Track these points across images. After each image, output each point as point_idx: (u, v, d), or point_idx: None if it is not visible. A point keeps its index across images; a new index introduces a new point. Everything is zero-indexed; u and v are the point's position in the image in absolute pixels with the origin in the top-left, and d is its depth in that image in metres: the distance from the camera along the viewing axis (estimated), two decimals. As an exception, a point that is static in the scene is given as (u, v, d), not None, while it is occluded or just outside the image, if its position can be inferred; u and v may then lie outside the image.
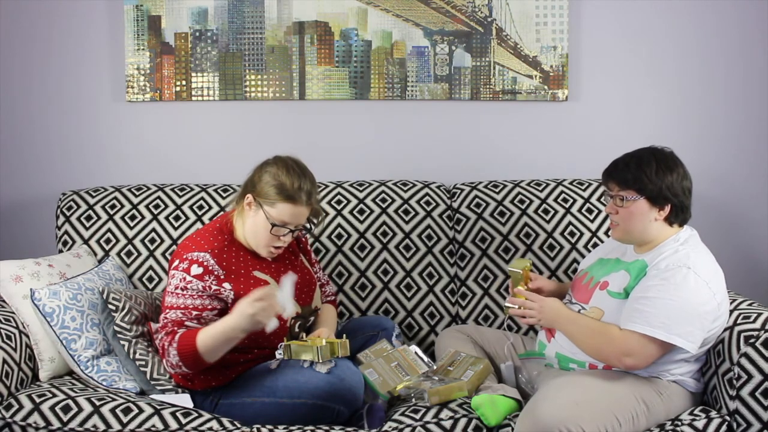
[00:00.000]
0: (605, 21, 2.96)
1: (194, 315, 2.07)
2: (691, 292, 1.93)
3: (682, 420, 1.97)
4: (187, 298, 2.07)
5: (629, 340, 1.95)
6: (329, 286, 2.49)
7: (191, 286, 2.07)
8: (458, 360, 2.23)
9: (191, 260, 2.09)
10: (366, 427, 2.02)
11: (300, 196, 2.11)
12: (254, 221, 2.14)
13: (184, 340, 2.02)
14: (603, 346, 1.99)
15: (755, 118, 3.00)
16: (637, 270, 2.04)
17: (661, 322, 1.92)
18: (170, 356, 2.03)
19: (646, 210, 2.05)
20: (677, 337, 1.91)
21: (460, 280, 2.70)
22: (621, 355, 1.96)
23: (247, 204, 2.15)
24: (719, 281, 2.01)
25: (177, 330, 2.05)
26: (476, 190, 2.81)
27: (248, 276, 2.15)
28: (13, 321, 2.26)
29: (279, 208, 2.11)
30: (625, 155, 2.11)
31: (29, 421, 1.96)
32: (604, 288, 2.09)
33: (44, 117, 2.93)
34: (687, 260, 1.97)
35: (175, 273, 2.10)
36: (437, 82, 2.96)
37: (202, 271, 2.08)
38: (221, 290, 2.09)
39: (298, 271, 2.27)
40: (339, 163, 2.95)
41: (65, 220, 2.69)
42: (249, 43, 2.92)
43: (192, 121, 2.97)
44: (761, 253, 3.04)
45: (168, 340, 2.04)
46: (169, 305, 2.09)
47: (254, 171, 2.20)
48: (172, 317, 2.07)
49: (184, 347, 2.01)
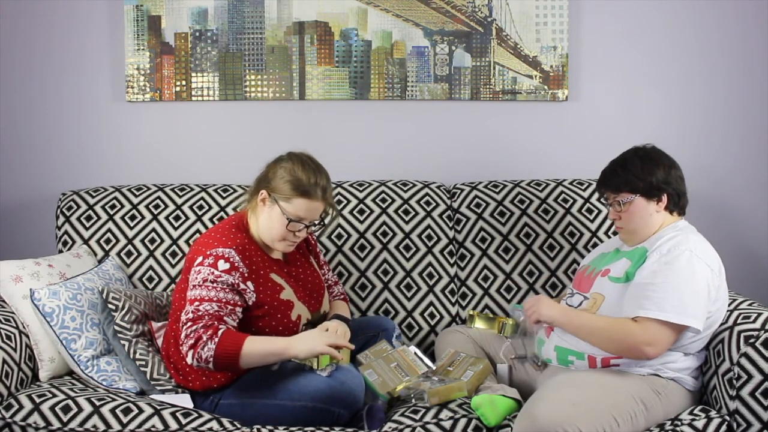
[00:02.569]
0: (605, 21, 2.96)
1: (229, 309, 2.01)
2: (696, 273, 1.97)
3: (682, 420, 1.97)
4: (219, 291, 2.01)
5: (650, 328, 1.95)
6: (338, 287, 2.47)
7: (221, 280, 2.02)
8: (458, 360, 2.23)
9: (217, 255, 2.05)
10: (366, 428, 2.01)
11: (316, 192, 2.11)
12: (269, 216, 2.13)
13: (229, 339, 1.95)
14: (622, 339, 1.98)
15: (755, 118, 3.00)
16: (638, 256, 2.08)
17: (673, 306, 1.94)
18: (203, 349, 1.94)
19: (644, 206, 2.11)
20: (691, 318, 1.94)
21: (460, 280, 2.70)
22: (643, 345, 1.95)
23: (261, 200, 2.14)
24: (718, 264, 2.05)
25: (218, 324, 1.98)
26: (476, 190, 2.81)
27: (266, 278, 2.13)
28: (13, 321, 2.26)
29: (295, 203, 2.10)
30: (611, 162, 2.19)
31: (29, 421, 1.96)
32: (606, 275, 2.12)
33: (44, 117, 2.94)
34: (688, 243, 2.02)
35: (201, 269, 2.04)
36: (437, 82, 2.96)
37: (229, 266, 2.04)
38: (246, 289, 2.06)
39: (308, 274, 2.27)
40: (339, 163, 2.93)
41: (65, 220, 2.69)
42: (249, 43, 2.92)
43: (192, 121, 2.97)
44: (761, 253, 3.04)
45: (208, 333, 1.95)
46: (199, 297, 2.01)
47: (268, 167, 2.19)
48: (209, 309, 1.99)
49: (227, 347, 1.94)
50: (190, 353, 1.97)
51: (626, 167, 2.12)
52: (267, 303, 2.10)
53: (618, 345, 2.00)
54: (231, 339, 1.95)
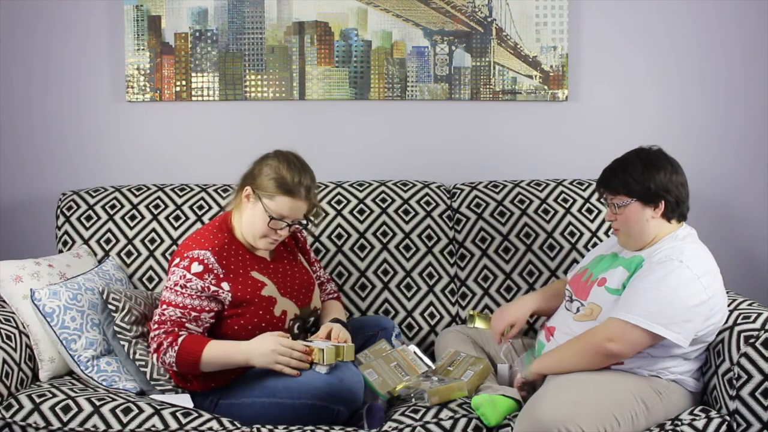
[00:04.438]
0: (605, 21, 2.96)
1: (193, 316, 2.07)
2: (679, 284, 1.94)
3: (682, 420, 1.97)
4: (186, 297, 2.07)
5: (610, 325, 1.96)
6: (330, 284, 2.49)
7: (191, 285, 2.07)
8: (458, 360, 2.23)
9: (192, 258, 2.09)
10: (366, 428, 2.01)
11: (299, 191, 2.12)
12: (252, 213, 2.14)
13: (188, 345, 2.03)
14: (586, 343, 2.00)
15: (755, 118, 3.00)
16: (635, 265, 2.06)
17: (645, 310, 1.92)
18: (166, 355, 2.04)
19: (640, 211, 2.07)
20: (660, 327, 1.91)
21: (460, 280, 2.70)
22: (604, 341, 1.96)
23: (245, 196, 2.16)
24: (713, 278, 2.01)
25: (178, 331, 2.05)
26: (476, 190, 2.81)
27: (246, 276, 2.15)
28: (13, 321, 2.26)
29: (278, 201, 2.11)
30: (612, 162, 2.15)
31: (29, 421, 1.96)
32: (602, 284, 2.11)
33: (44, 117, 2.94)
34: (680, 254, 1.98)
35: (176, 270, 2.10)
36: (437, 82, 2.96)
37: (202, 269, 2.08)
38: (219, 291, 2.09)
39: (296, 271, 2.28)
40: (339, 163, 2.95)
41: (65, 220, 2.69)
42: (249, 43, 2.92)
43: (192, 121, 2.97)
44: (761, 253, 3.04)
45: (168, 340, 2.04)
46: (167, 301, 2.09)
47: (254, 164, 2.20)
48: (171, 316, 2.07)
49: (187, 353, 2.02)
50: (155, 356, 2.09)
51: (626, 169, 2.08)
52: (247, 300, 2.12)
53: (588, 353, 2.00)
54: (191, 345, 2.03)
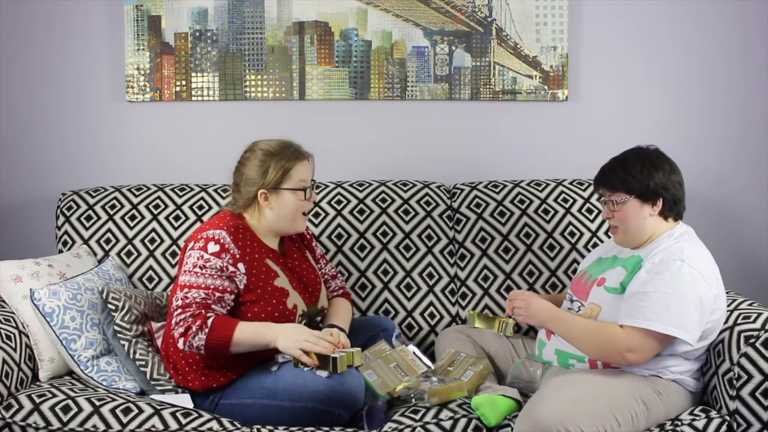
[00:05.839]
0: (605, 21, 2.96)
1: (216, 297, 2.05)
2: (686, 284, 1.95)
3: (682, 420, 1.97)
4: (207, 277, 2.05)
5: (631, 336, 1.95)
6: (336, 280, 2.46)
7: (210, 265, 2.05)
8: (458, 360, 2.23)
9: (207, 238, 2.08)
10: (366, 428, 2.01)
11: (300, 150, 2.21)
12: (278, 204, 2.16)
13: (219, 327, 2.00)
14: (604, 343, 2.00)
15: (755, 118, 3.00)
16: (633, 265, 2.06)
17: (658, 315, 1.93)
18: (195, 338, 2.00)
19: (638, 208, 2.09)
20: (675, 329, 1.92)
21: (460, 280, 2.70)
22: (624, 351, 1.96)
23: (263, 200, 2.16)
24: (714, 274, 2.03)
25: (205, 313, 2.02)
26: (476, 190, 2.81)
27: (261, 262, 2.14)
28: (13, 321, 2.26)
29: (294, 173, 2.16)
30: (611, 160, 2.16)
31: (29, 421, 1.96)
32: (602, 284, 2.11)
33: (44, 117, 2.94)
34: (681, 254, 1.99)
35: (192, 253, 2.08)
36: (437, 82, 2.96)
37: (219, 248, 2.06)
38: (236, 272, 2.08)
39: (304, 267, 2.28)
40: (339, 163, 2.94)
41: (65, 220, 2.69)
42: (249, 43, 2.92)
43: (192, 121, 2.97)
44: (761, 253, 3.04)
45: (197, 323, 2.00)
46: (188, 284, 2.05)
47: (245, 171, 2.18)
48: (196, 297, 2.03)
49: (218, 335, 1.99)
50: (181, 340, 2.03)
51: (625, 167, 2.10)
52: (260, 288, 2.11)
53: (601, 349, 2.01)
54: (222, 325, 2.01)
